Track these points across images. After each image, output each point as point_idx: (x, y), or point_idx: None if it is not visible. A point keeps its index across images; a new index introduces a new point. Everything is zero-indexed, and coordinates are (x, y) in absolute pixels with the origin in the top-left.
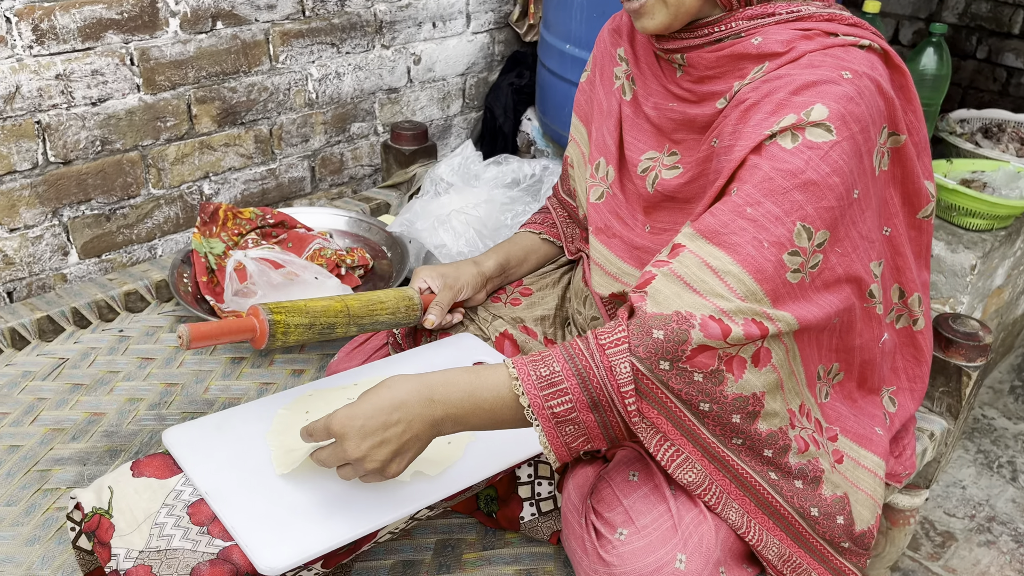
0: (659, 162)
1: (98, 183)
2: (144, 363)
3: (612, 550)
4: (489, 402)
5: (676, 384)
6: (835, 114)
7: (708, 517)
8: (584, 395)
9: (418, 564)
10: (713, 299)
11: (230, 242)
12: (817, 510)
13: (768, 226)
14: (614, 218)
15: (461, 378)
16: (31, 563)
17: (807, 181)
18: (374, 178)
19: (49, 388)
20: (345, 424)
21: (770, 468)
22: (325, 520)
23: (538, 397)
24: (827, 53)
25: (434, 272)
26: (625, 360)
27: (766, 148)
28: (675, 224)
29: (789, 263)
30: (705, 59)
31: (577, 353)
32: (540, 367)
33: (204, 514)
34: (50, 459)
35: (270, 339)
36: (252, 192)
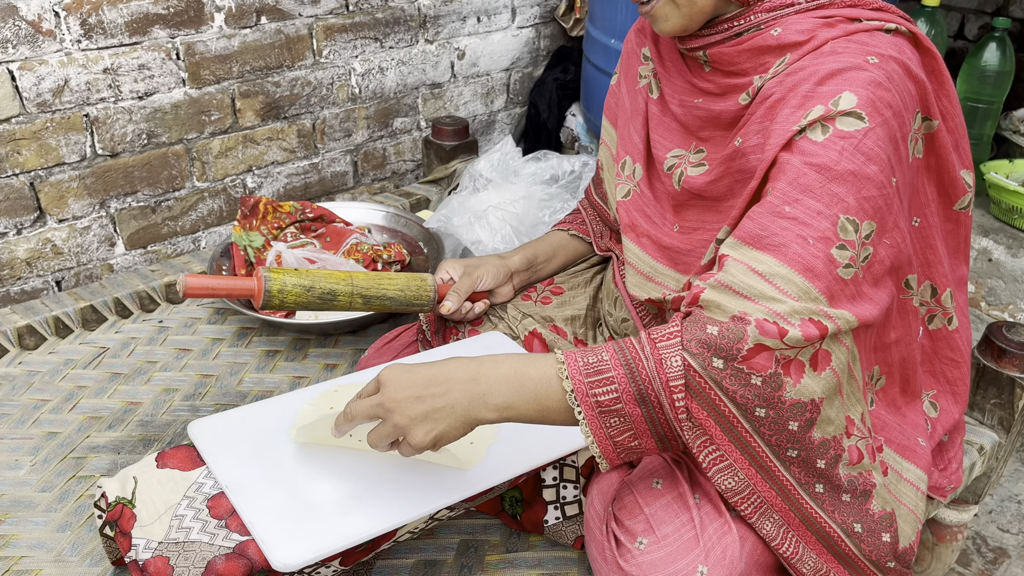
0: (685, 159)
1: (144, 175)
2: (181, 354)
3: (631, 559)
4: (534, 382)
5: (730, 385)
6: (864, 100)
7: (733, 528)
8: (631, 386)
9: (440, 564)
10: (765, 303)
11: (269, 236)
12: (861, 526)
13: (810, 222)
14: (640, 216)
15: (508, 358)
16: (61, 549)
17: (843, 172)
18: (416, 173)
19: (89, 376)
20: (391, 373)
21: (818, 480)
22: (342, 518)
23: (583, 383)
24: (851, 39)
25: (456, 263)
26: (676, 353)
27: (796, 144)
28: (704, 223)
29: (839, 258)
30: (727, 54)
31: (628, 345)
32: (588, 355)
33: (223, 507)
34: (86, 447)
35: (266, 296)
36: (295, 186)
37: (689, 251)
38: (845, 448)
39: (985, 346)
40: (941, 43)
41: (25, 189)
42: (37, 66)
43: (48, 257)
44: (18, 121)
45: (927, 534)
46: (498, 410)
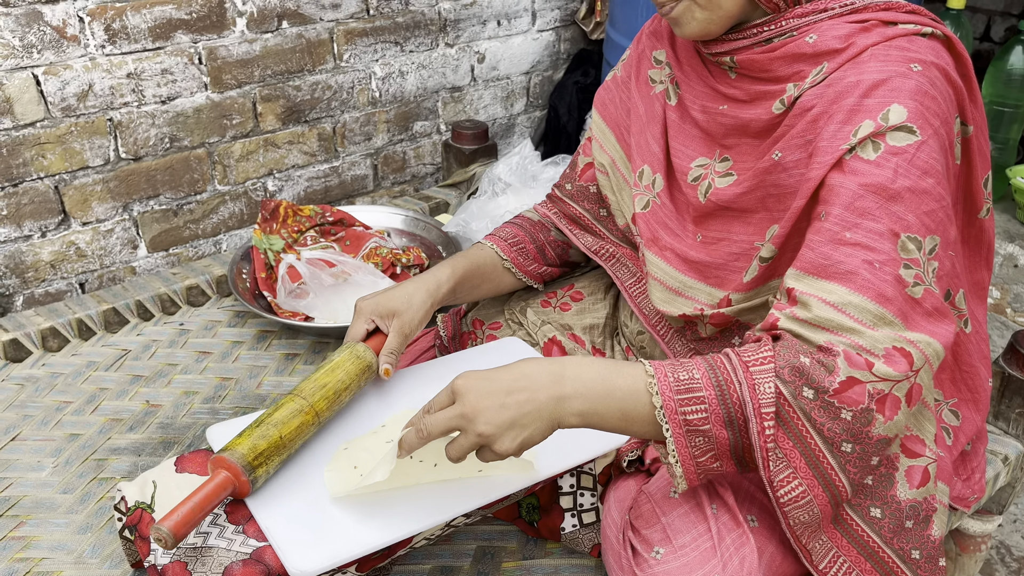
0: (711, 169)
1: (166, 179)
2: (201, 357)
3: (647, 569)
4: (622, 392)
5: (819, 418)
6: (914, 112)
7: (751, 538)
8: (721, 408)
9: (457, 570)
10: (847, 335)
11: (289, 239)
12: (920, 552)
13: (874, 245)
14: (662, 228)
15: (596, 362)
16: (81, 551)
17: (900, 190)
18: (436, 177)
19: (111, 379)
20: (468, 382)
21: (873, 502)
22: (359, 525)
23: (672, 400)
24: (891, 45)
25: (380, 309)
26: (770, 380)
27: (848, 163)
28: (728, 233)
29: (907, 277)
30: (758, 60)
31: (719, 365)
32: (679, 371)
33: (241, 513)
34: (107, 449)
35: (252, 487)
36: (315, 189)
37: (719, 265)
38: (902, 468)
39: (1010, 355)
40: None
41: (50, 192)
42: (62, 71)
43: (72, 259)
44: (43, 125)
45: (950, 544)
46: (582, 416)
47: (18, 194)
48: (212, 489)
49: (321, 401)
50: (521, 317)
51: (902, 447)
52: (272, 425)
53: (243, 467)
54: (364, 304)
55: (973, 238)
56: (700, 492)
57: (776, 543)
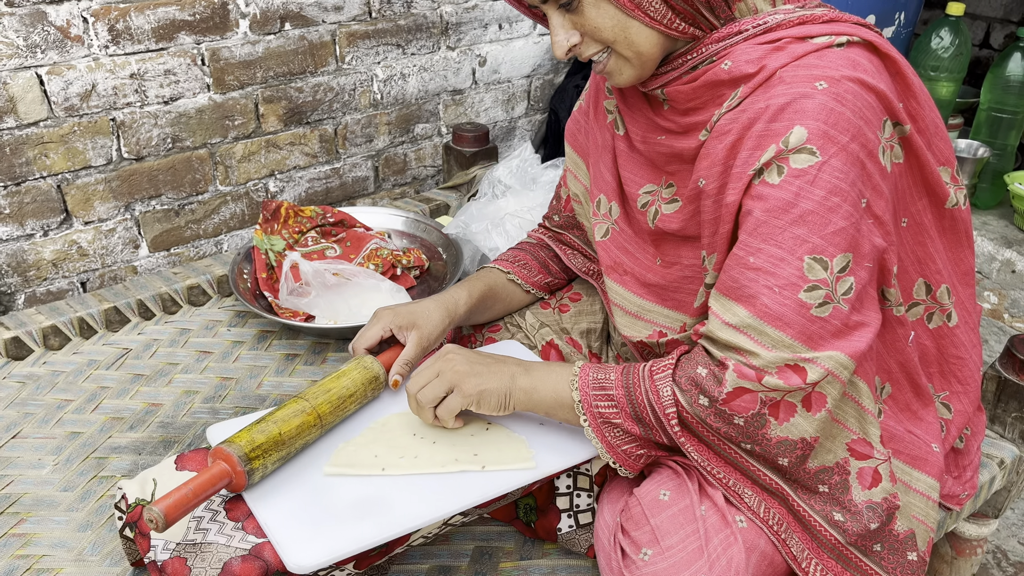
0: (658, 195)
1: (168, 179)
2: (202, 356)
3: (635, 570)
4: (555, 379)
5: (715, 423)
6: (815, 133)
7: (739, 538)
8: (629, 407)
9: (454, 570)
10: (743, 355)
11: (290, 239)
12: (881, 545)
13: (774, 270)
14: (623, 254)
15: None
16: (82, 549)
17: (803, 212)
18: (437, 179)
19: (112, 377)
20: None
21: (834, 507)
22: (357, 521)
23: (588, 395)
24: (799, 64)
25: (400, 320)
26: (667, 386)
27: (755, 188)
28: (680, 258)
29: (809, 299)
30: (683, 92)
31: (633, 370)
32: (598, 372)
33: (240, 510)
34: (108, 447)
35: (248, 479)
36: (316, 191)
37: (675, 287)
38: (853, 473)
39: (1007, 359)
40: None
41: (52, 192)
42: (65, 71)
43: (74, 258)
44: (46, 125)
45: (946, 547)
46: (525, 392)
47: (20, 193)
48: (208, 478)
49: (324, 404)
50: (520, 319)
51: (850, 450)
52: (272, 422)
53: (240, 458)
54: (384, 312)
55: (948, 228)
56: (690, 493)
57: (765, 542)
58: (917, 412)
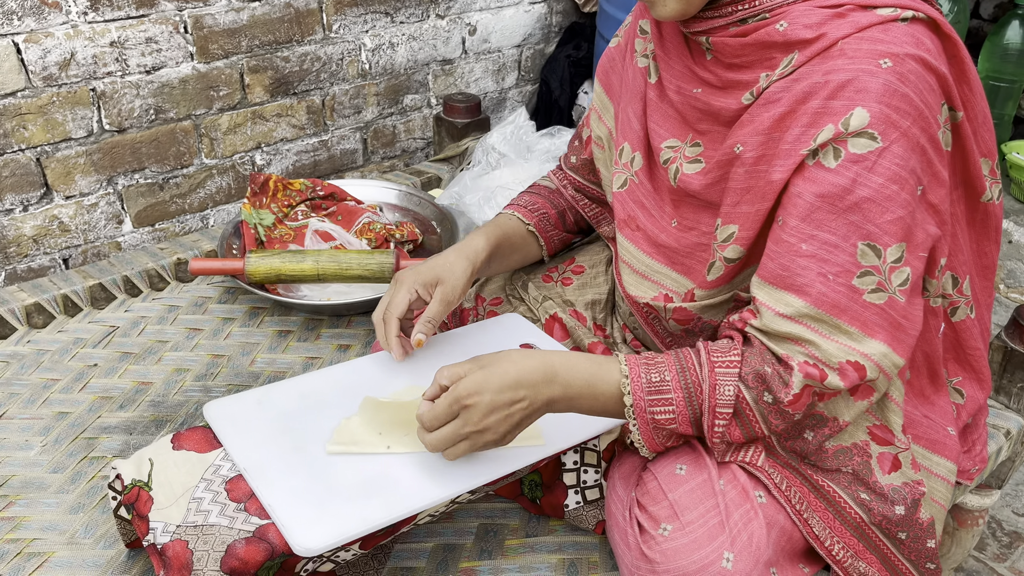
0: (681, 152)
1: (152, 152)
2: (192, 334)
3: (655, 546)
4: (605, 396)
5: (775, 420)
6: (877, 117)
7: (759, 514)
8: (688, 410)
9: (459, 548)
10: (803, 345)
11: (279, 213)
12: (907, 534)
13: (828, 257)
14: (639, 208)
15: (582, 366)
16: (74, 531)
17: (859, 200)
18: (426, 151)
19: (99, 356)
20: (473, 398)
21: (859, 487)
22: (364, 501)
23: (642, 400)
24: (863, 37)
25: (424, 278)
26: (732, 383)
27: (808, 169)
28: (699, 223)
29: (862, 285)
30: (730, 45)
31: (689, 366)
32: (652, 372)
33: (242, 490)
34: (97, 427)
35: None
36: (304, 163)
37: (686, 252)
38: (874, 455)
39: (1013, 329)
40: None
41: (31, 165)
42: (43, 39)
43: (55, 234)
44: (24, 95)
45: (948, 519)
46: (566, 407)
47: None
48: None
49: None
50: (523, 292)
51: (871, 435)
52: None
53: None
54: (405, 275)
55: (979, 222)
56: (708, 467)
57: (784, 517)
58: (930, 397)
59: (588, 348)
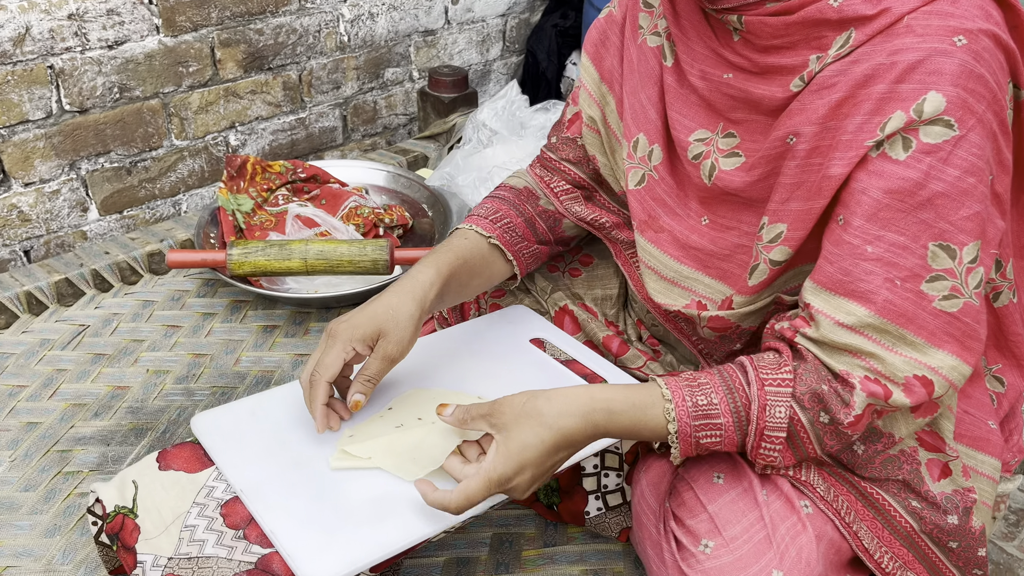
0: (714, 145)
1: (117, 133)
2: (170, 331)
3: (696, 564)
4: (648, 430)
5: (830, 440)
6: (954, 102)
7: (808, 527)
8: (736, 435)
9: (474, 562)
10: (865, 359)
11: (259, 198)
12: (958, 543)
13: (896, 260)
14: (660, 207)
15: (624, 411)
16: (51, 557)
17: (932, 195)
18: (409, 128)
19: (69, 358)
20: (515, 480)
21: (911, 495)
22: (376, 524)
23: (688, 427)
24: (931, 11)
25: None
26: (784, 404)
27: (873, 162)
28: (739, 222)
29: (931, 291)
30: (771, 25)
31: (737, 386)
32: (697, 394)
33: (240, 515)
34: (71, 438)
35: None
36: (281, 143)
37: (723, 255)
38: (923, 462)
39: None
40: None
41: None
42: None
43: (14, 224)
44: None
45: None
46: None
47: None
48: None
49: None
50: (528, 283)
51: (920, 440)
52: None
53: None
54: (339, 328)
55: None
56: (748, 475)
57: (832, 529)
58: (966, 390)
59: (603, 342)
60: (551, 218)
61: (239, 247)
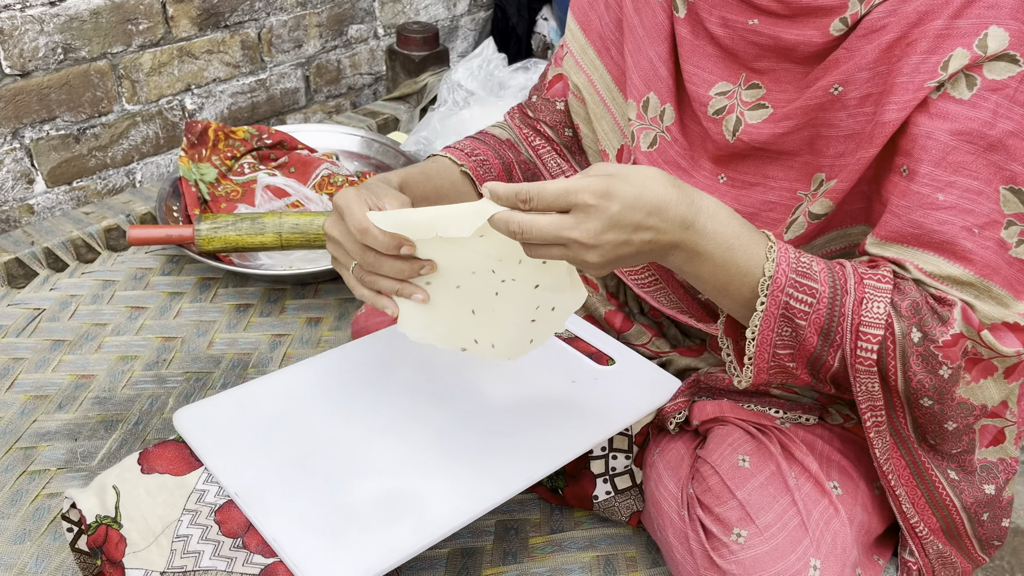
0: (737, 98)
1: (63, 98)
2: (134, 313)
3: (729, 556)
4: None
5: (916, 365)
6: (1017, 35)
7: (840, 510)
8: (826, 311)
9: (479, 552)
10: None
11: (223, 167)
12: (989, 515)
13: (972, 207)
14: (674, 169)
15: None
16: (23, 565)
17: (1002, 135)
18: (374, 88)
19: (25, 346)
20: (601, 201)
21: (951, 464)
22: (387, 526)
23: (785, 276)
24: None
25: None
26: (883, 301)
27: (935, 104)
28: (765, 178)
29: (1008, 237)
30: None
31: (835, 268)
32: (800, 255)
33: (236, 521)
34: (34, 433)
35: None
36: (240, 106)
37: (750, 214)
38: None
39: None
40: None
41: None
42: None
43: None
44: None
45: None
46: (680, 270)
47: None
48: None
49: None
50: None
51: None
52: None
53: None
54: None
55: None
56: (775, 457)
57: (860, 507)
58: None
59: (605, 318)
60: (529, 171)
61: (208, 221)
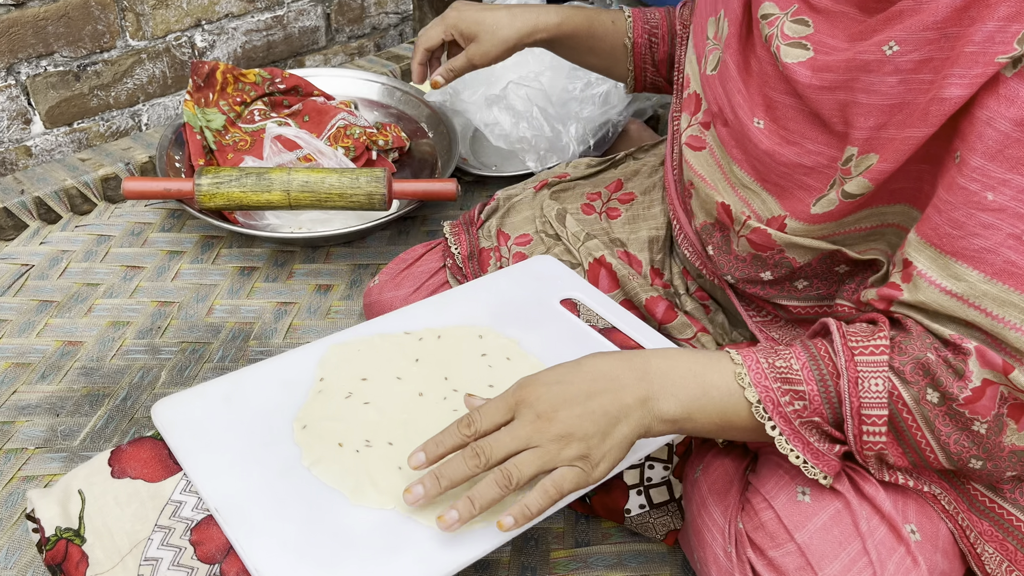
0: (778, 27)
1: (61, 31)
2: (130, 273)
3: None
4: (719, 390)
5: (944, 428)
6: None
7: (921, 562)
8: (825, 409)
9: (495, 565)
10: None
11: (231, 113)
12: None
13: (1022, 210)
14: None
15: (681, 355)
16: None
17: None
18: (401, 28)
19: (10, 306)
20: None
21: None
22: (388, 556)
23: (771, 391)
24: None
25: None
26: (880, 375)
27: (1006, 84)
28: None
29: None
30: None
31: (822, 354)
32: (773, 357)
33: (215, 543)
34: (13, 407)
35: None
36: (255, 46)
37: (781, 173)
38: None
39: None
40: None
41: None
42: None
43: None
44: None
45: None
46: (674, 423)
47: None
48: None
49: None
50: (558, 227)
51: None
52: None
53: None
54: (452, 13)
55: None
56: (841, 494)
57: (941, 554)
58: None
59: (646, 305)
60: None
61: (209, 175)
